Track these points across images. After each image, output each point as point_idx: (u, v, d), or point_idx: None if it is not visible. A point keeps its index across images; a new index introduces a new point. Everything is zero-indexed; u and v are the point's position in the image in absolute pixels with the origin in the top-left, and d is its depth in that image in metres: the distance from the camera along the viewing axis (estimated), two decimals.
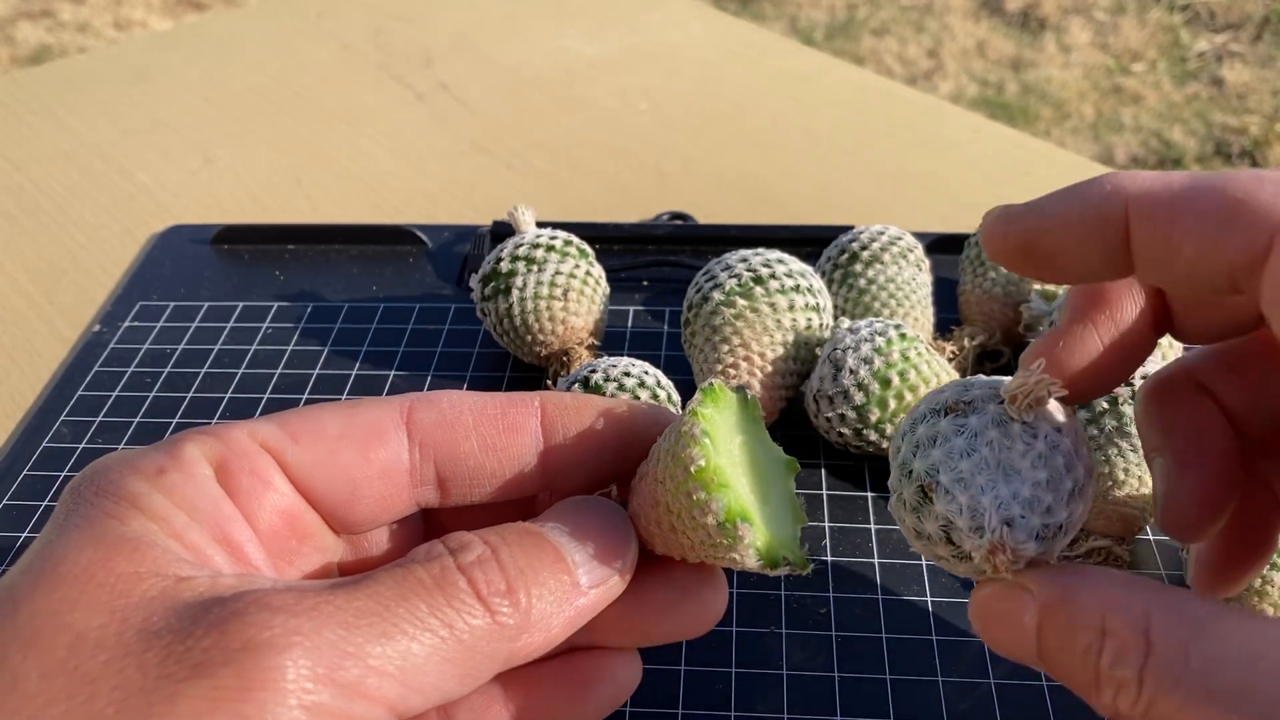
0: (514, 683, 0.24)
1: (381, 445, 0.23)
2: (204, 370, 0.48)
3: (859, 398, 0.38)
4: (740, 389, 0.24)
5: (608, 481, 0.25)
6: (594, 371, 0.39)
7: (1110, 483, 0.36)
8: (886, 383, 0.38)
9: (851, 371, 0.39)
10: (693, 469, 0.21)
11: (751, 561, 0.22)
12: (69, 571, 0.19)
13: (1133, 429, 0.36)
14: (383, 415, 0.24)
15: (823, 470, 0.42)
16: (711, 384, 0.23)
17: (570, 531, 0.22)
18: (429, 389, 0.46)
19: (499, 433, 0.24)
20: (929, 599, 0.36)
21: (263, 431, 0.23)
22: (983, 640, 0.23)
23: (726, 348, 0.41)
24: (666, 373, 0.41)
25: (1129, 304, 0.23)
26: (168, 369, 0.48)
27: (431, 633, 0.20)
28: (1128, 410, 0.36)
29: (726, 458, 0.22)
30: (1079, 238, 0.21)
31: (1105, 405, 0.37)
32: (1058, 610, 0.20)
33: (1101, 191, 0.21)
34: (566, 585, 0.22)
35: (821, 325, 0.42)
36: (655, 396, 0.39)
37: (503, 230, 0.54)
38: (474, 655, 0.20)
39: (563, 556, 0.22)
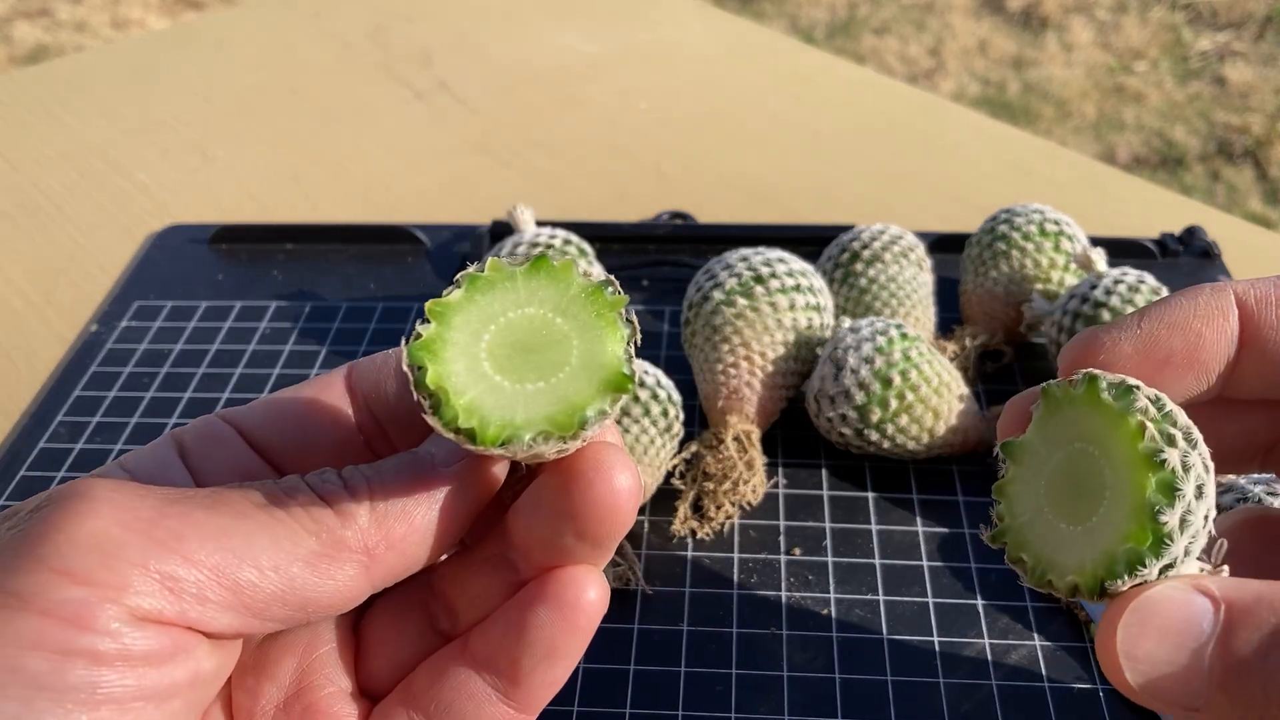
0: (470, 634, 0.23)
1: (326, 395, 0.24)
2: (201, 370, 0.47)
3: (860, 397, 0.38)
4: (546, 254, 0.21)
5: None
6: None
7: None
8: (888, 382, 0.38)
9: (853, 371, 0.38)
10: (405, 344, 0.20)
11: (423, 399, 0.19)
12: None
13: None
14: (327, 375, 0.24)
15: (824, 470, 0.41)
16: (546, 255, 0.21)
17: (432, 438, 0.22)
18: None
19: None
20: (930, 600, 0.36)
21: (229, 409, 0.24)
22: (1114, 658, 0.19)
23: (727, 347, 0.41)
24: (667, 372, 0.41)
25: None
26: (165, 369, 0.48)
27: (263, 511, 0.19)
28: None
29: (464, 333, 0.20)
30: (1194, 338, 0.22)
31: None
32: (1256, 613, 0.17)
33: (1210, 290, 0.22)
34: (420, 467, 0.21)
35: (822, 325, 0.42)
36: (655, 396, 0.39)
37: (502, 230, 0.54)
38: (314, 535, 0.20)
39: (413, 451, 0.22)
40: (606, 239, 0.53)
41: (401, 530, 0.21)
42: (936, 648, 0.35)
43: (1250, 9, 1.97)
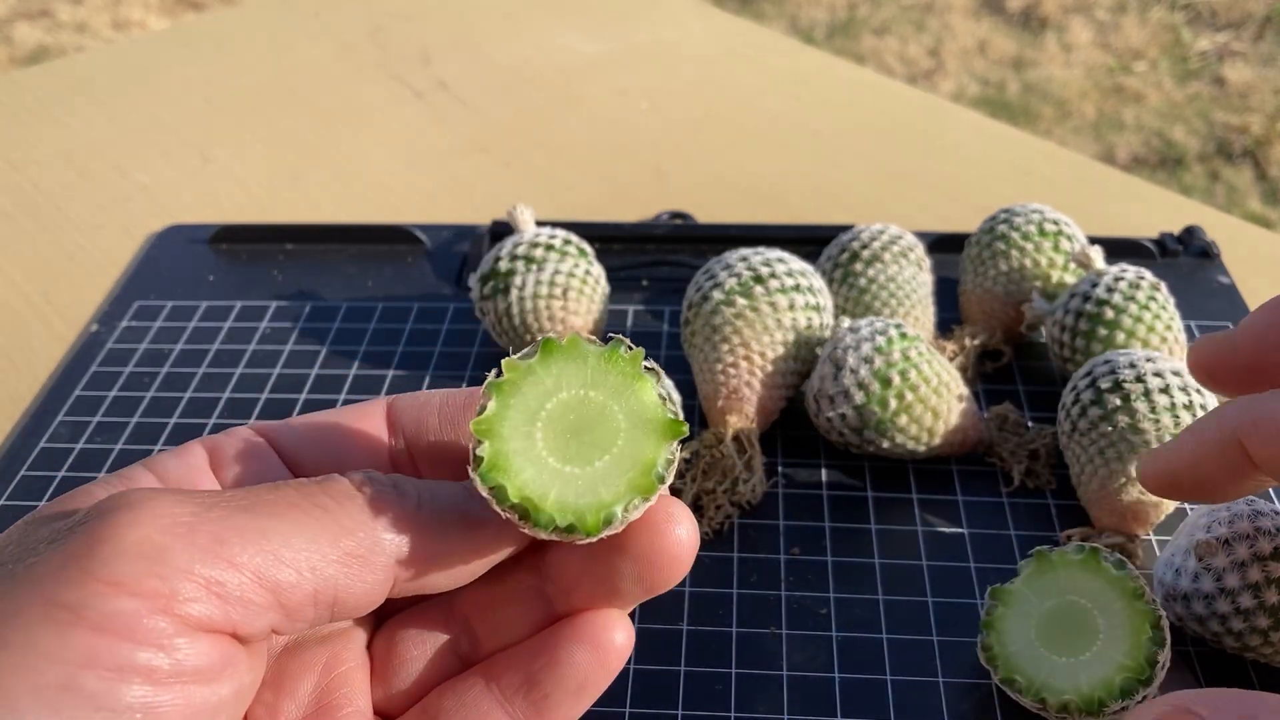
0: (495, 662, 0.23)
1: (365, 423, 0.24)
2: (201, 370, 0.47)
3: (859, 397, 0.38)
4: (609, 340, 0.22)
5: None
6: None
7: (1123, 479, 0.36)
8: (887, 382, 0.38)
9: (852, 371, 0.38)
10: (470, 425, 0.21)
11: (511, 515, 0.20)
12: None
13: (1145, 425, 0.36)
14: (368, 404, 0.25)
15: (823, 470, 0.41)
16: (550, 338, 0.22)
17: None
18: (428, 388, 0.46)
19: (459, 409, 0.25)
20: (929, 599, 0.36)
21: (264, 422, 0.24)
22: None
23: (726, 347, 0.41)
24: (667, 372, 0.41)
25: None
26: (165, 369, 0.48)
27: (299, 510, 0.19)
28: (1140, 407, 0.36)
29: (516, 441, 0.21)
30: (1207, 470, 0.28)
31: (1118, 402, 0.36)
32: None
33: (1216, 424, 0.27)
34: (473, 500, 0.21)
35: (822, 325, 0.42)
36: None
37: (502, 230, 0.54)
38: (351, 535, 0.20)
39: (467, 484, 0.22)
40: (606, 239, 0.53)
41: (437, 548, 0.21)
42: (936, 648, 0.35)
43: (1250, 9, 1.97)
